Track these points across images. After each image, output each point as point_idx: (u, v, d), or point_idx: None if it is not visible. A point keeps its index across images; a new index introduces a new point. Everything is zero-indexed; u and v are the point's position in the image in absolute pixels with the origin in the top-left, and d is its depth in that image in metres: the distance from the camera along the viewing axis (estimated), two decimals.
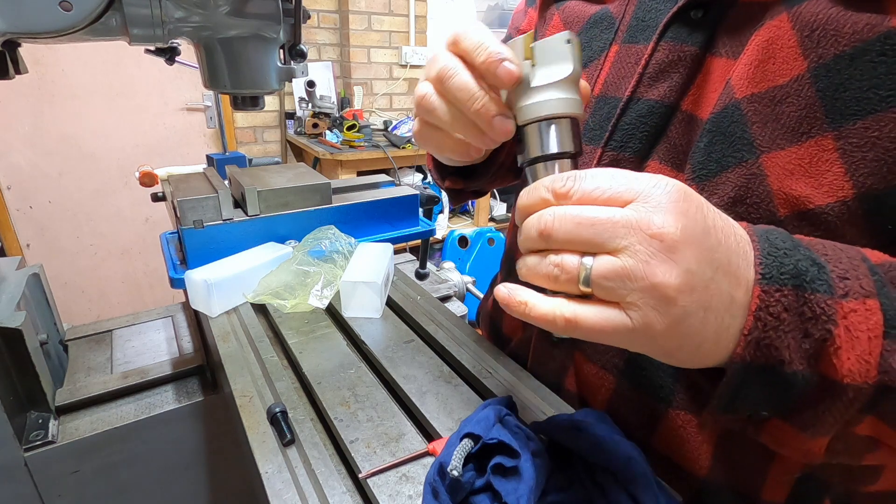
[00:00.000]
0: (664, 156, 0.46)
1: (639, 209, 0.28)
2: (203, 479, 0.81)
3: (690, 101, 0.44)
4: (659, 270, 0.27)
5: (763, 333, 0.29)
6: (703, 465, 0.46)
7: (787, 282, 0.29)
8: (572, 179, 0.31)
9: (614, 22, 0.51)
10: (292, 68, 0.57)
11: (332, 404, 0.54)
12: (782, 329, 0.29)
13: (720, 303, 0.29)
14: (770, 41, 0.38)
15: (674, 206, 0.28)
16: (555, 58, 0.36)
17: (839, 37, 0.35)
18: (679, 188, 0.29)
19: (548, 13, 0.60)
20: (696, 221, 0.28)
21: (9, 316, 0.63)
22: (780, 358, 0.29)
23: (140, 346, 0.87)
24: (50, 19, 0.42)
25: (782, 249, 0.30)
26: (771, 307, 0.29)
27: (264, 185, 0.87)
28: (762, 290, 0.29)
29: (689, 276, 0.28)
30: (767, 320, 0.29)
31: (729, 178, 0.41)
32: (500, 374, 0.57)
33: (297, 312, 0.73)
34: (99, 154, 2.53)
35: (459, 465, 0.37)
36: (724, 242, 0.29)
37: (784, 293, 0.29)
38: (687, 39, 0.44)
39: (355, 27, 2.85)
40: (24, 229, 2.48)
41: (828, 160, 0.36)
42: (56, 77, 2.36)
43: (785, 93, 0.37)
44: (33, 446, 0.64)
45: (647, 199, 0.29)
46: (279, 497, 0.43)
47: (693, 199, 0.29)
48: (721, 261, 0.29)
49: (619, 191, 0.29)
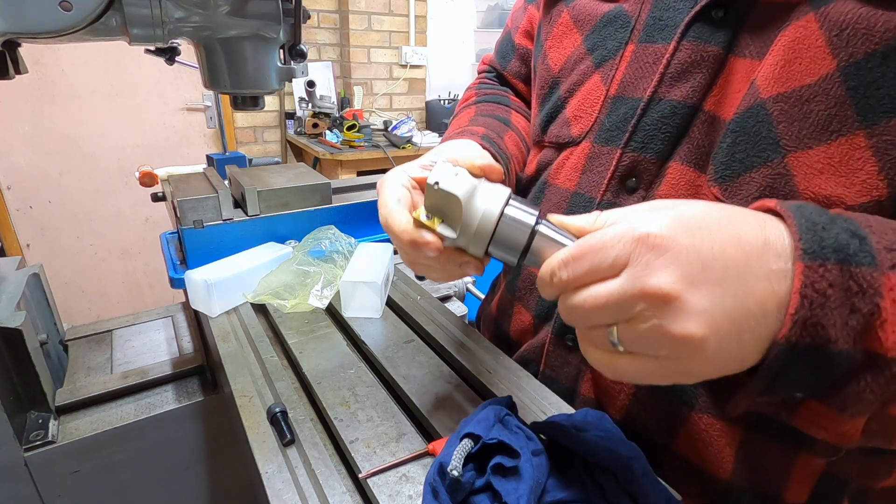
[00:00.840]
0: (686, 157, 0.46)
1: (631, 277, 0.29)
2: (203, 479, 0.81)
3: (713, 102, 0.44)
4: (675, 326, 0.28)
5: (810, 312, 0.27)
6: (725, 469, 0.45)
7: (830, 256, 0.28)
8: (563, 271, 0.31)
9: (629, 20, 0.50)
10: (292, 68, 0.56)
11: (332, 404, 0.54)
12: (829, 306, 0.27)
13: (752, 319, 0.28)
14: (797, 41, 0.38)
15: (662, 262, 0.28)
16: (445, 202, 0.38)
17: (870, 35, 0.34)
18: (658, 233, 0.28)
19: (554, 10, 0.59)
20: (690, 263, 0.28)
21: (9, 316, 0.63)
22: (826, 337, 0.28)
23: (140, 346, 0.87)
24: (50, 19, 0.42)
25: (820, 223, 0.29)
26: (816, 283, 0.27)
27: (264, 185, 0.87)
28: (806, 266, 0.28)
29: (708, 316, 0.27)
30: (814, 297, 0.27)
31: (754, 179, 0.41)
32: (500, 374, 0.57)
33: (297, 312, 0.72)
34: (99, 154, 2.53)
35: (459, 465, 0.37)
36: (732, 262, 0.28)
37: (828, 268, 0.28)
38: (710, 39, 0.43)
39: (355, 27, 2.85)
40: (24, 229, 2.48)
41: (860, 158, 0.36)
42: (56, 77, 2.36)
43: (813, 92, 0.37)
44: (33, 446, 0.64)
45: (634, 262, 0.29)
46: (279, 497, 0.43)
47: (678, 238, 0.28)
48: (736, 281, 0.28)
49: (606, 264, 0.29)
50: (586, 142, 0.53)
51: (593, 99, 0.53)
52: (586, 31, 0.54)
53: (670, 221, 0.29)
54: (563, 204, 0.55)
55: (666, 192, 0.47)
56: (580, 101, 0.54)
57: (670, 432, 0.48)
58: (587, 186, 0.53)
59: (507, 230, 0.36)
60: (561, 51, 0.57)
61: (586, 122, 0.53)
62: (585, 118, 0.54)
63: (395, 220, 0.41)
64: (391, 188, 0.44)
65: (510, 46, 0.72)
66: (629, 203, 0.49)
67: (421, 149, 2.61)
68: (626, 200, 0.49)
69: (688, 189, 0.45)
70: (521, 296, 0.62)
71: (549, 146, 0.59)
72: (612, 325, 0.30)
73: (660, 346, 0.29)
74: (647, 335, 0.29)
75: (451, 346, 0.63)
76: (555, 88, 0.58)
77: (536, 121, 0.61)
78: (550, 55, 0.59)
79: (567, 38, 0.57)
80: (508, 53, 0.73)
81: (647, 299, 0.28)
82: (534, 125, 0.62)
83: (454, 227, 0.39)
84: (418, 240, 0.39)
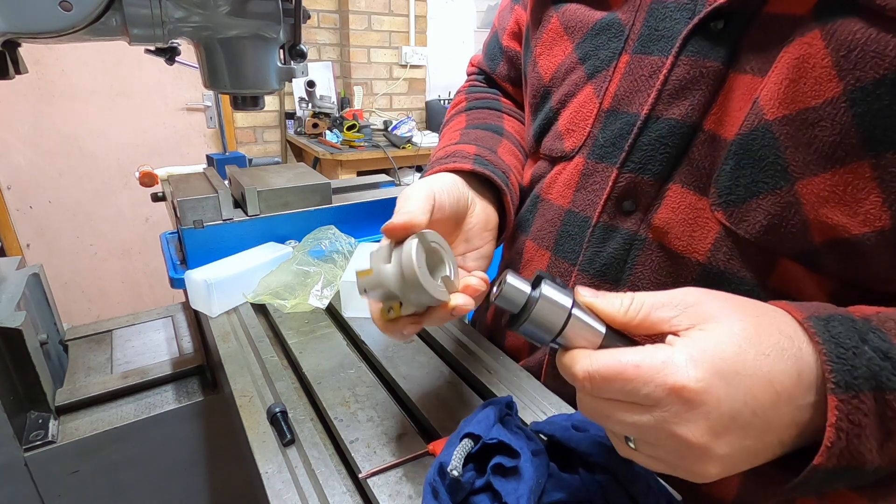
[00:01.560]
0: (686, 179, 0.44)
1: (660, 420, 0.28)
2: (203, 479, 0.81)
3: (713, 121, 0.42)
4: (694, 466, 0.29)
5: (846, 443, 0.28)
6: (730, 492, 0.45)
7: (864, 386, 0.28)
8: (588, 383, 0.31)
9: (623, 29, 0.48)
10: (292, 68, 0.56)
11: (332, 404, 0.54)
12: (864, 435, 0.28)
13: (769, 450, 0.29)
14: (801, 59, 0.36)
15: (693, 415, 0.28)
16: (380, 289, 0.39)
17: (881, 59, 0.32)
18: (694, 389, 0.28)
19: (544, 15, 0.56)
20: (721, 417, 0.28)
21: (9, 316, 0.63)
22: (861, 460, 0.28)
23: (140, 346, 0.87)
24: (50, 19, 0.42)
25: (850, 349, 0.28)
26: (851, 415, 0.27)
27: (264, 185, 0.87)
28: (839, 400, 0.27)
29: (727, 459, 0.29)
30: (849, 429, 0.27)
31: (761, 205, 0.39)
32: (500, 374, 0.57)
33: (297, 312, 0.72)
34: (99, 154, 2.53)
35: (459, 465, 0.37)
36: (761, 407, 0.28)
37: (861, 399, 0.28)
38: (709, 54, 0.41)
39: (355, 27, 2.85)
40: (24, 229, 2.48)
41: (864, 188, 0.35)
42: (56, 77, 2.36)
43: (818, 115, 0.35)
44: (33, 446, 0.64)
45: (665, 408, 0.28)
46: (279, 497, 0.43)
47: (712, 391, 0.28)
48: (761, 424, 0.28)
49: (636, 396, 0.29)
50: (579, 157, 0.51)
51: (586, 112, 0.51)
52: (577, 39, 0.52)
53: (707, 370, 0.28)
54: (557, 221, 0.54)
55: (665, 215, 0.45)
56: (572, 113, 0.52)
57: None
58: (582, 205, 0.51)
59: (543, 312, 0.34)
60: (551, 58, 0.55)
61: (579, 137, 0.51)
62: (578, 132, 0.52)
63: (373, 318, 0.41)
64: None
65: (498, 49, 0.69)
66: (626, 225, 0.47)
67: (421, 149, 2.61)
68: (622, 222, 0.48)
69: (689, 213, 0.44)
70: None
71: (543, 158, 0.57)
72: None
73: (676, 470, 0.30)
74: (665, 459, 0.30)
75: (451, 346, 0.63)
76: (546, 98, 0.56)
77: (530, 131, 0.59)
78: (540, 63, 0.56)
79: (557, 45, 0.54)
80: (496, 56, 0.70)
81: (673, 440, 0.29)
82: (528, 135, 0.60)
83: (402, 301, 0.39)
84: (401, 333, 0.40)
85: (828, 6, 0.35)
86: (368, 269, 0.39)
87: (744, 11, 0.40)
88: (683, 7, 0.43)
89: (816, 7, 0.35)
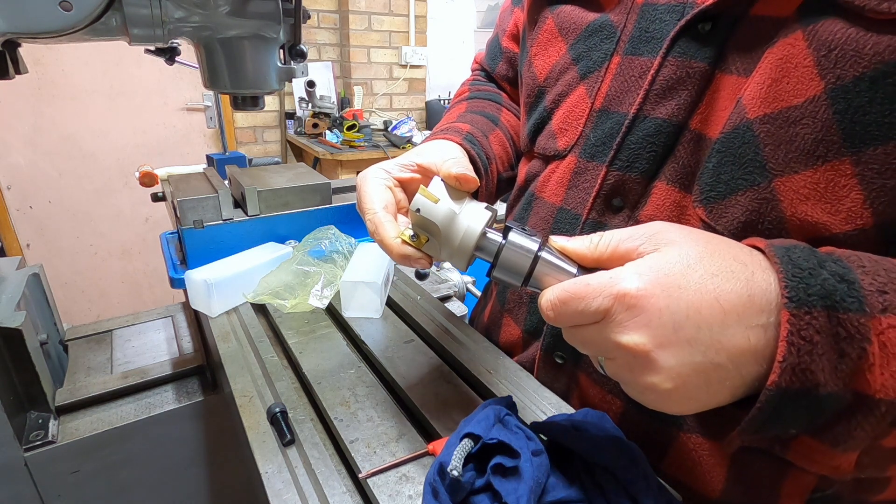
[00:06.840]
0: (671, 176, 0.45)
1: (607, 330, 0.31)
2: (203, 479, 0.81)
3: (699, 120, 0.43)
4: (644, 378, 0.30)
5: (798, 358, 0.28)
6: (715, 488, 0.45)
7: (817, 303, 0.28)
8: (551, 311, 0.33)
9: (615, 31, 0.49)
10: (292, 68, 0.56)
11: (332, 404, 0.54)
12: (816, 352, 0.28)
13: (722, 371, 0.29)
14: (784, 59, 0.36)
15: (635, 322, 0.30)
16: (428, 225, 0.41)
17: (859, 58, 0.33)
18: (635, 294, 0.30)
19: (540, 16, 0.57)
20: (662, 326, 0.29)
21: (9, 316, 0.63)
22: (815, 381, 0.28)
23: (140, 346, 0.87)
24: (50, 19, 0.42)
25: (806, 269, 0.29)
26: (802, 331, 0.28)
27: (264, 185, 0.87)
28: (791, 315, 0.28)
29: (674, 372, 0.30)
30: (801, 344, 0.28)
31: (739, 202, 0.40)
32: (500, 374, 0.57)
33: (297, 312, 0.72)
34: (99, 154, 2.53)
35: (459, 465, 0.37)
36: (706, 322, 0.29)
37: (814, 315, 0.28)
38: (696, 55, 0.42)
39: (355, 27, 2.85)
40: (24, 229, 2.47)
41: (845, 186, 0.35)
42: (56, 77, 2.36)
43: (800, 114, 0.36)
44: (33, 446, 0.64)
45: (611, 317, 0.31)
46: (279, 497, 0.43)
47: (654, 299, 0.29)
48: (707, 339, 0.29)
49: (588, 312, 0.31)
50: (572, 156, 0.53)
51: (578, 112, 0.52)
52: (571, 40, 0.53)
53: (650, 280, 0.30)
54: (550, 219, 0.55)
55: (651, 212, 0.46)
56: (565, 113, 0.53)
57: (660, 452, 0.48)
58: (573, 202, 0.52)
59: (510, 256, 0.37)
60: (546, 59, 0.56)
61: (572, 136, 0.53)
62: (571, 131, 0.53)
63: (384, 234, 0.43)
64: (375, 191, 0.45)
65: (498, 49, 0.71)
66: (615, 222, 0.49)
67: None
68: (611, 219, 0.49)
69: (673, 210, 0.45)
70: (511, 308, 0.62)
71: (537, 157, 0.59)
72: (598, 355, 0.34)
73: (633, 387, 0.32)
74: (622, 376, 0.32)
75: (451, 346, 0.63)
76: (540, 98, 0.57)
77: (525, 130, 0.60)
78: (535, 62, 0.58)
79: (552, 45, 0.56)
80: (497, 56, 0.72)
81: (621, 350, 0.31)
82: (523, 134, 0.61)
83: (438, 245, 0.41)
84: (409, 256, 0.42)
85: (811, 8, 0.36)
86: (436, 198, 0.40)
87: (731, 13, 0.40)
88: (673, 9, 0.44)
89: (800, 9, 0.36)
